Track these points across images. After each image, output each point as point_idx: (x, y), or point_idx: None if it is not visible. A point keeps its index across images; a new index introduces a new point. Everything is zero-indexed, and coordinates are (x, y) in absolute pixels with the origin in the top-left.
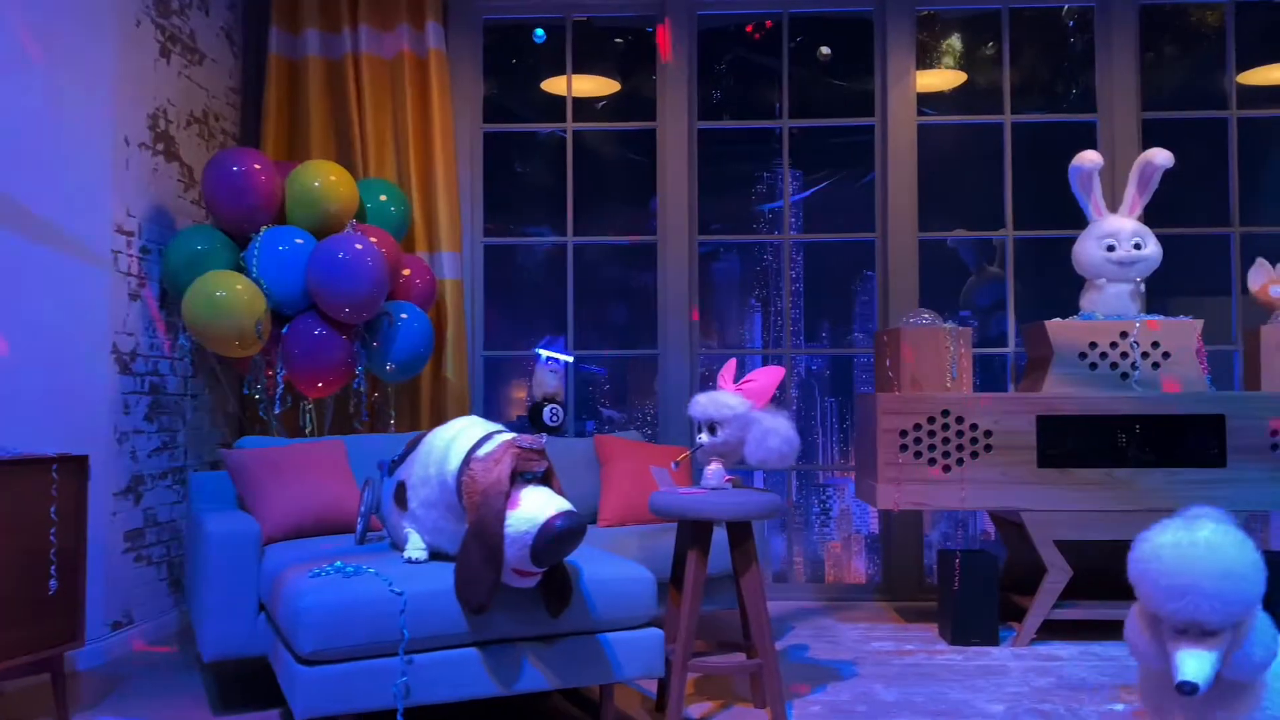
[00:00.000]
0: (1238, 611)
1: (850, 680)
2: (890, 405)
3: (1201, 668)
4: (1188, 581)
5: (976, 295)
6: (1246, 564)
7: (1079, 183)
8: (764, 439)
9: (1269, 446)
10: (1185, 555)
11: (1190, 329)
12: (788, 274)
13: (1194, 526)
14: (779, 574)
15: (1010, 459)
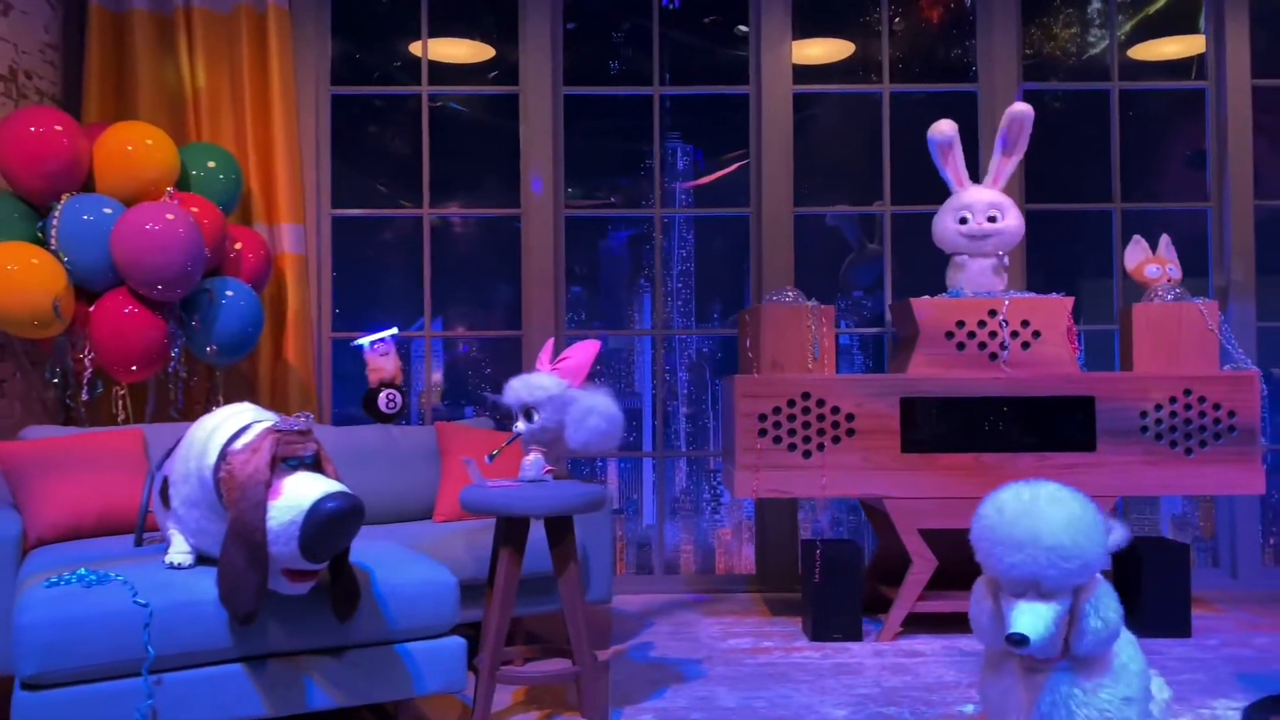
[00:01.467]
0: (1075, 570)
1: (693, 683)
2: (748, 388)
3: (1035, 623)
4: (1026, 533)
5: (856, 274)
6: (1089, 523)
7: (937, 153)
8: (583, 419)
9: (1138, 430)
10: (1026, 508)
11: (1060, 307)
12: (658, 251)
13: (1038, 485)
14: (669, 563)
15: (873, 444)
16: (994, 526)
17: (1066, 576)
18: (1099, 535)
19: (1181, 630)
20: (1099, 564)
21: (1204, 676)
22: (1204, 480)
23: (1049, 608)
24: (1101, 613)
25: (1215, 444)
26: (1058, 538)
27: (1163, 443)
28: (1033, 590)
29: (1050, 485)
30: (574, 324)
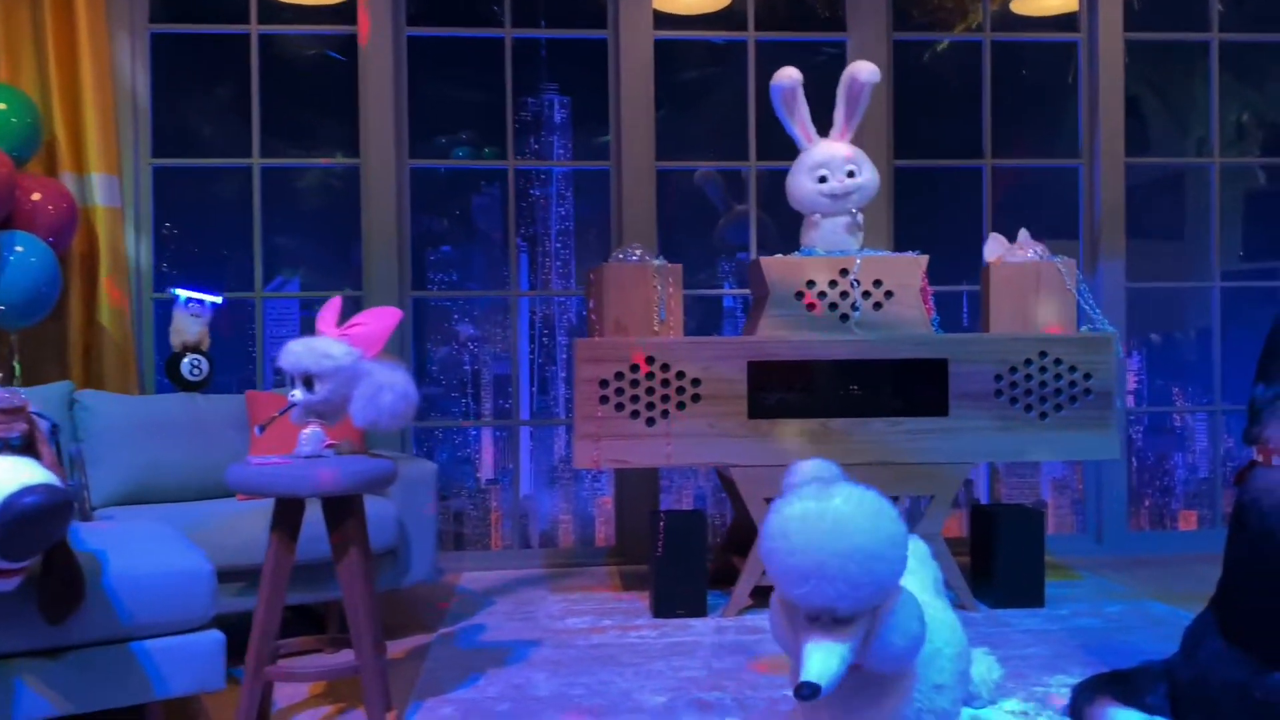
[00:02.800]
0: (870, 595)
1: (512, 668)
2: (588, 352)
3: (827, 664)
4: (813, 562)
5: (734, 234)
6: (881, 540)
7: (781, 104)
8: (375, 395)
9: (993, 393)
10: (811, 531)
11: (914, 266)
12: (512, 205)
13: (825, 496)
14: (545, 534)
15: (719, 410)
16: (778, 553)
17: (859, 604)
18: (896, 551)
19: (1034, 600)
20: (898, 579)
21: (1048, 650)
22: (1058, 445)
23: (843, 642)
24: (901, 630)
25: (1071, 407)
26: (846, 568)
27: (1017, 406)
28: (827, 614)
29: (840, 498)
30: (444, 284)
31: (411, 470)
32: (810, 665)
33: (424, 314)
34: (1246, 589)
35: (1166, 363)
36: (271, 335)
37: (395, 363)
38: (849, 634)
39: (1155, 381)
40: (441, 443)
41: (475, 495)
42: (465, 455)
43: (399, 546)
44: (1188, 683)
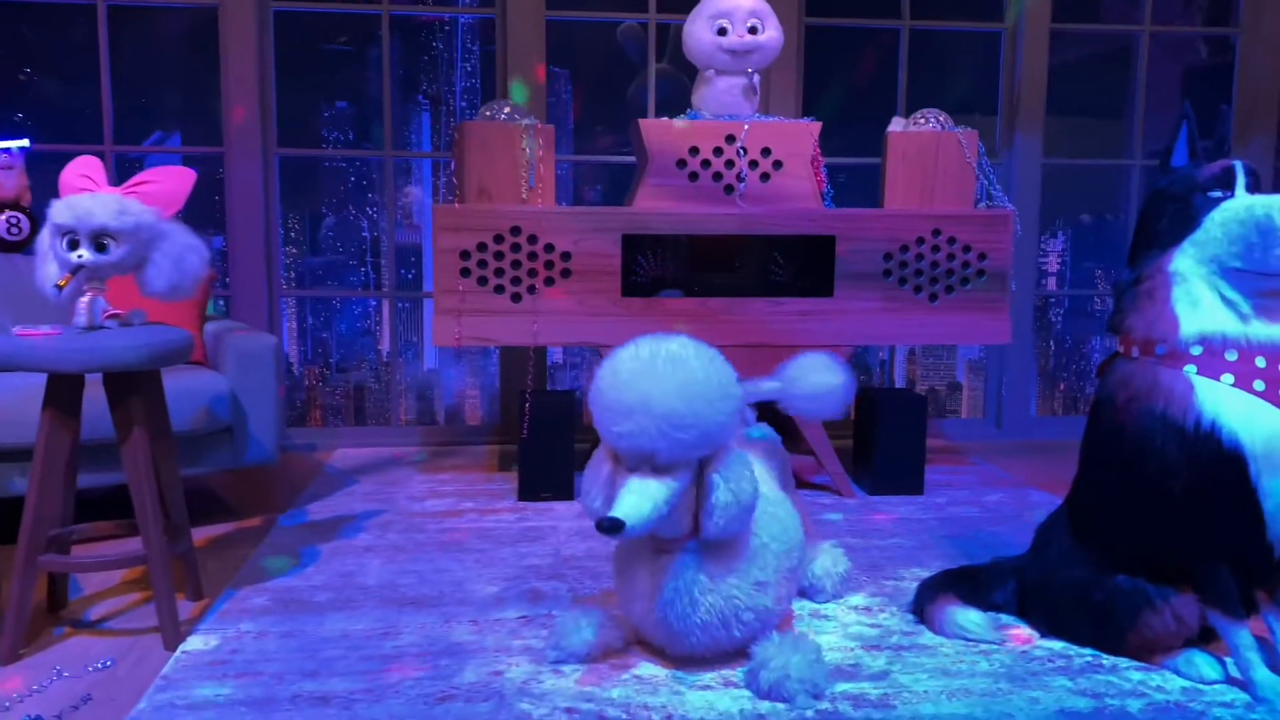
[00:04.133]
0: (693, 440)
1: (349, 554)
2: (448, 220)
3: (639, 505)
4: (638, 396)
5: (642, 96)
6: (711, 386)
7: None
8: (181, 258)
9: (881, 273)
10: (640, 369)
11: (805, 133)
12: (386, 53)
13: (662, 341)
14: (450, 409)
15: (590, 286)
16: (605, 389)
17: (682, 449)
18: (726, 402)
19: (914, 488)
20: (727, 432)
21: (913, 541)
22: (947, 329)
23: (662, 485)
24: (730, 487)
25: (963, 289)
26: (671, 404)
27: (906, 288)
28: (647, 464)
29: (676, 342)
30: (341, 142)
31: (249, 343)
32: (621, 502)
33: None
34: (1094, 487)
35: (1095, 244)
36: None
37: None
38: (667, 481)
39: (1082, 264)
40: (339, 313)
41: (377, 369)
42: (365, 327)
43: (234, 424)
44: (1033, 582)
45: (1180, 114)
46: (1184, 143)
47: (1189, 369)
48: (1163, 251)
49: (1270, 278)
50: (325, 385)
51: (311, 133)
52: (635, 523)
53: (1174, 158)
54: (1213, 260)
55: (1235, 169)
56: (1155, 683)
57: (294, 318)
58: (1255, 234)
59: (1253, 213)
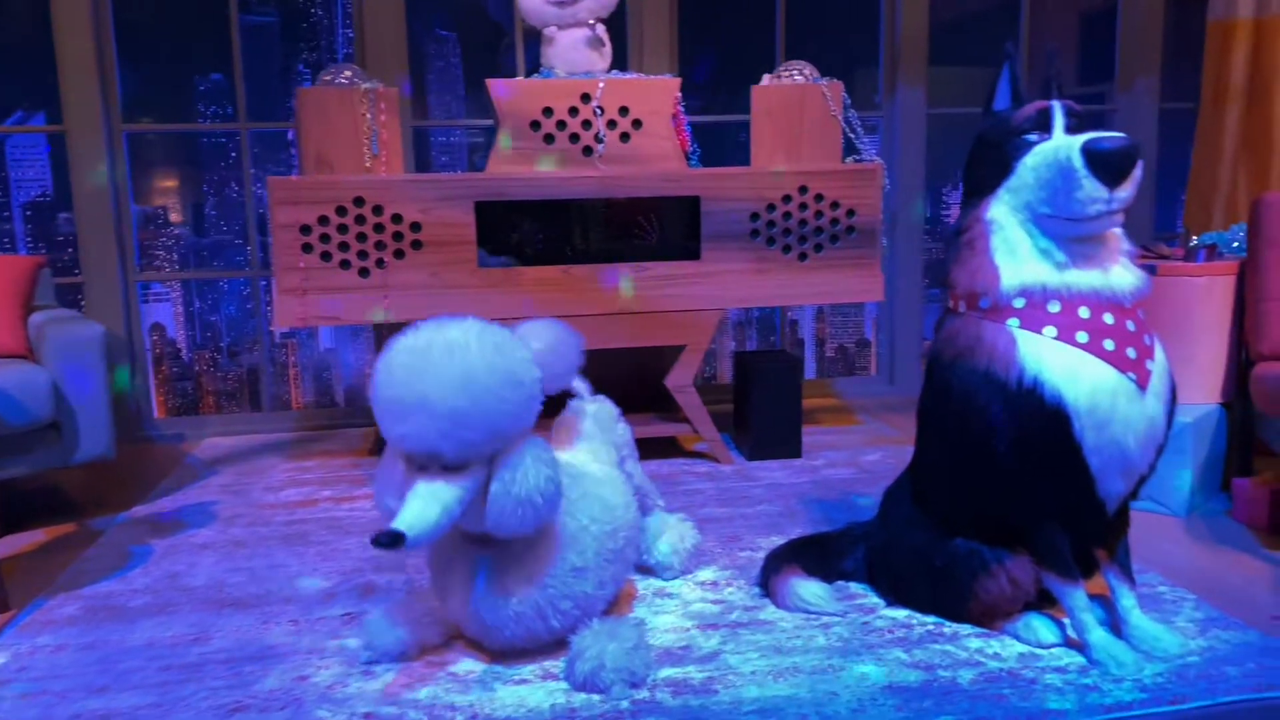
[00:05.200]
0: (481, 439)
1: (183, 552)
2: (285, 193)
3: (423, 513)
4: (416, 395)
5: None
6: (498, 377)
7: None
8: None
9: (748, 234)
10: (417, 365)
11: (665, 90)
12: (234, 24)
13: (441, 329)
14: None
15: (444, 258)
16: (382, 387)
17: (469, 447)
18: (516, 392)
19: (791, 450)
20: (519, 423)
21: (780, 508)
22: (818, 288)
23: (451, 488)
24: (519, 486)
25: (832, 247)
26: (452, 402)
27: (775, 247)
28: (435, 464)
29: (457, 328)
30: (218, 116)
31: (72, 333)
32: (404, 511)
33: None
34: (927, 448)
35: None
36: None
37: None
38: (458, 483)
39: None
40: (228, 295)
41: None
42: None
43: (61, 420)
44: (879, 547)
45: (1002, 54)
46: (1006, 85)
47: (1012, 322)
48: (981, 199)
49: (1077, 223)
50: (217, 370)
51: (187, 107)
52: (419, 533)
53: (995, 101)
54: (1026, 207)
55: (1051, 110)
56: (993, 650)
57: (179, 302)
58: (1059, 177)
59: (1056, 154)
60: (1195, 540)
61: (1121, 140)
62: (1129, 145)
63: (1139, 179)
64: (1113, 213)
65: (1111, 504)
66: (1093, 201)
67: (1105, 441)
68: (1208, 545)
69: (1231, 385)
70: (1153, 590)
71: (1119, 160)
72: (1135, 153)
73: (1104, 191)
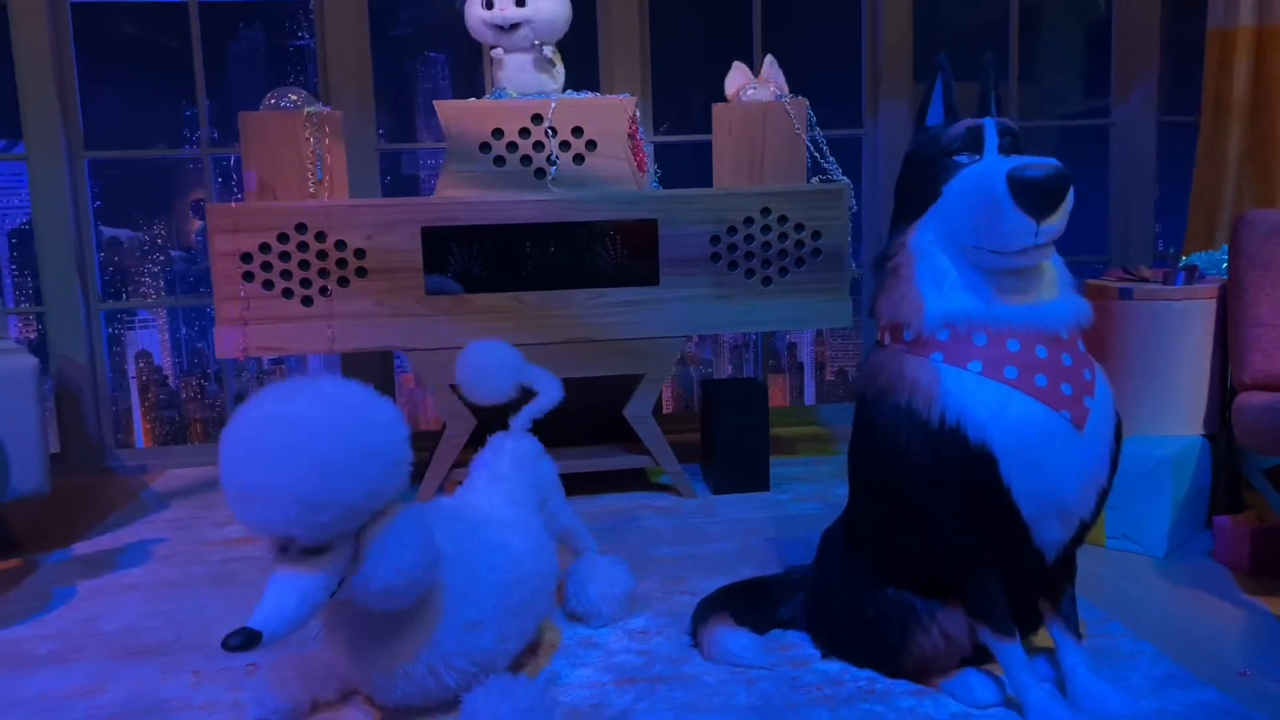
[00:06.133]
0: (336, 520)
1: (108, 594)
2: (224, 220)
3: (280, 605)
4: (260, 479)
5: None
6: (352, 450)
7: None
8: None
9: (709, 257)
10: (258, 444)
11: (619, 110)
12: (197, 46)
13: (289, 396)
14: None
15: (389, 285)
16: (223, 468)
17: (323, 530)
18: (373, 462)
19: (759, 483)
20: (380, 497)
21: (735, 546)
22: (784, 314)
23: (311, 575)
24: (390, 558)
25: (797, 271)
26: (301, 486)
27: (737, 272)
28: (292, 544)
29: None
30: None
31: (2, 365)
32: (261, 605)
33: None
34: (855, 489)
35: None
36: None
37: None
38: (320, 566)
39: None
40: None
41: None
42: None
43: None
44: (815, 594)
45: (934, 65)
46: (939, 99)
47: (935, 356)
48: (908, 224)
49: (1003, 256)
50: (204, 398)
51: (173, 133)
52: (276, 629)
53: (928, 116)
54: (952, 235)
55: (983, 128)
56: (926, 710)
57: (165, 329)
58: (983, 207)
59: (981, 181)
60: (1168, 583)
61: (1049, 166)
62: (1057, 172)
63: (1069, 209)
64: (1040, 246)
65: (1050, 552)
66: (1018, 234)
67: (1037, 485)
68: (1180, 589)
69: (1215, 416)
70: (1111, 641)
71: (1047, 189)
72: (1065, 181)
73: (1030, 223)
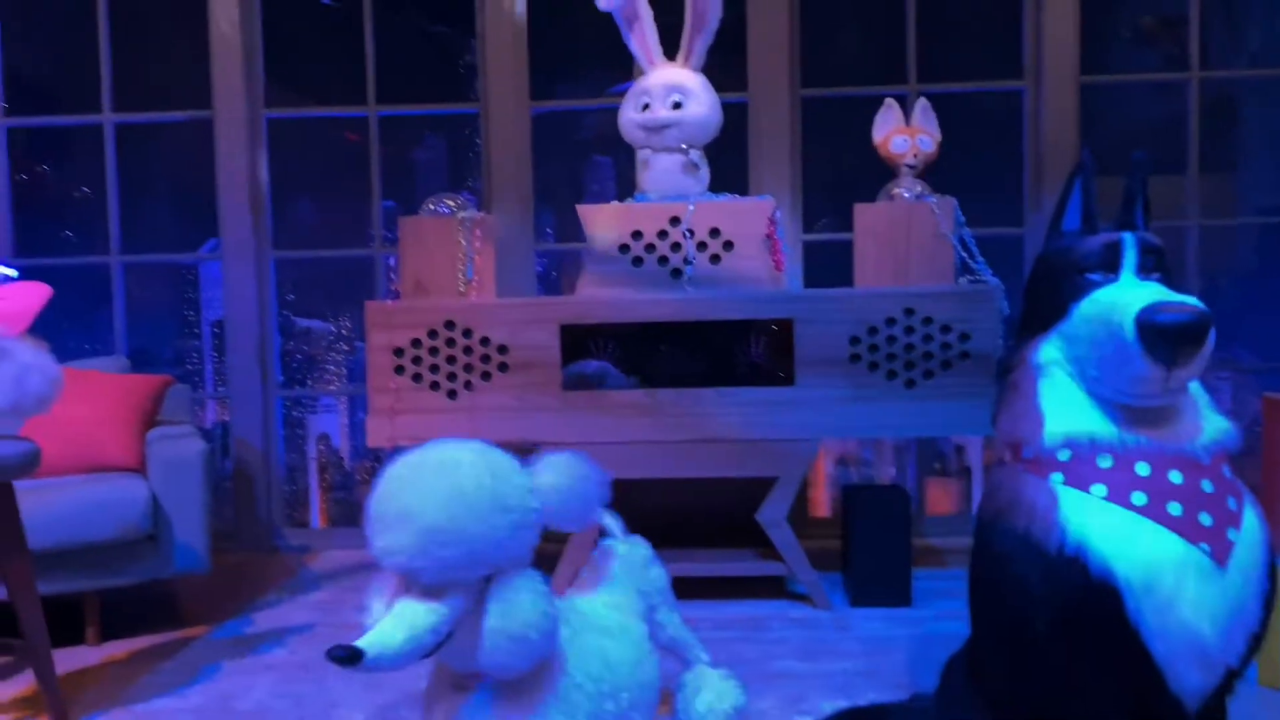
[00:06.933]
0: (458, 559)
1: (249, 672)
2: (380, 317)
3: (389, 634)
4: (398, 508)
5: None
6: (483, 499)
7: (620, 18)
8: (21, 377)
9: (847, 358)
10: (406, 480)
11: (758, 212)
12: (375, 157)
13: (444, 446)
14: None
15: (529, 380)
16: (373, 500)
17: (446, 568)
18: (501, 515)
19: (900, 597)
20: (504, 550)
21: (867, 664)
22: (928, 419)
23: (428, 612)
24: (506, 617)
25: (944, 374)
26: (433, 518)
27: (878, 374)
28: (416, 584)
29: (458, 448)
30: (388, 240)
31: (174, 449)
32: (372, 630)
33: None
34: (974, 620)
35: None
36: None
37: (36, 344)
38: (435, 606)
39: None
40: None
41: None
42: None
43: (159, 533)
44: None
45: (1076, 164)
46: (1077, 202)
47: (1055, 477)
48: (1034, 336)
49: (1131, 397)
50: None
51: (360, 233)
52: (379, 653)
53: (1065, 219)
54: (1076, 360)
55: (1121, 244)
56: None
57: (345, 413)
58: (1109, 344)
59: (1109, 315)
60: None
61: (1188, 310)
62: (1195, 318)
63: (1209, 353)
64: (1172, 392)
65: (1191, 701)
66: (1145, 381)
67: (1171, 625)
68: None
69: None
70: None
71: (1180, 336)
72: (1204, 327)
73: (1160, 371)
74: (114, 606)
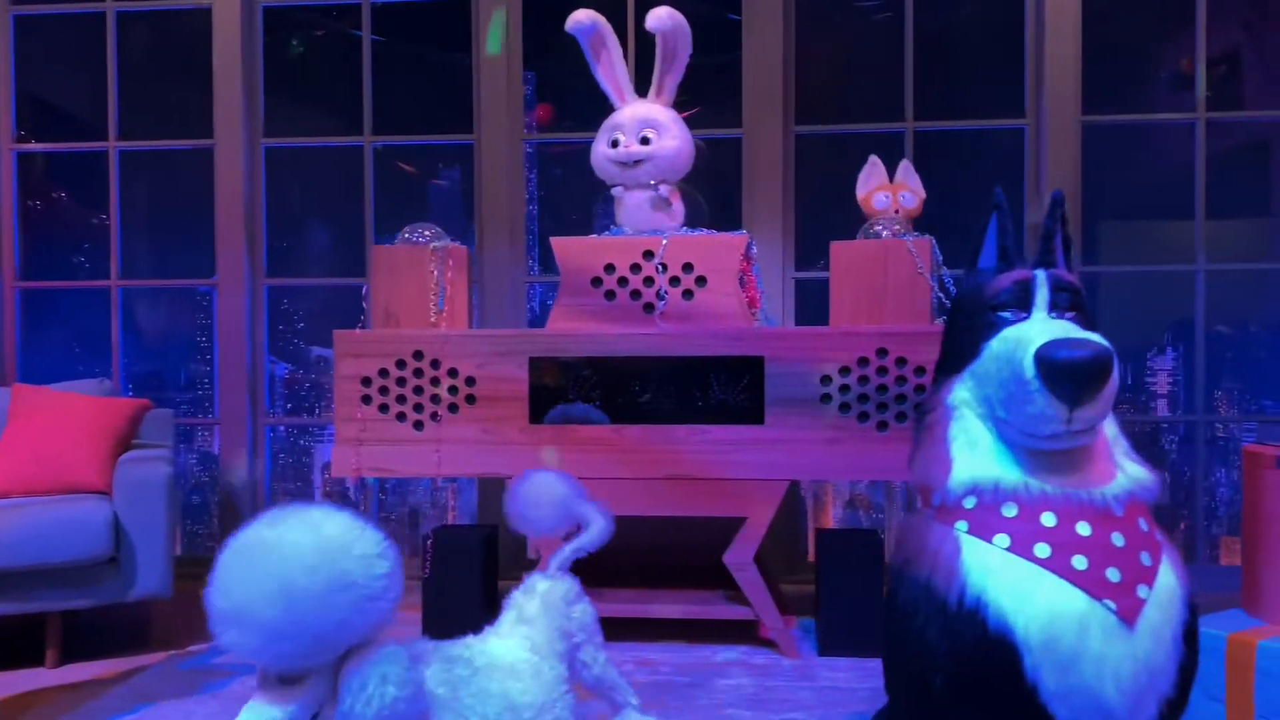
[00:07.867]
0: (305, 650)
1: (206, 696)
2: (348, 346)
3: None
4: (234, 605)
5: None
6: (319, 583)
7: (589, 50)
8: None
9: (818, 398)
10: (236, 570)
11: (730, 247)
12: (368, 187)
13: (277, 523)
14: None
15: (496, 413)
16: (211, 593)
17: (290, 660)
18: (343, 594)
19: (871, 647)
20: (353, 630)
21: (810, 717)
22: (900, 463)
23: (282, 708)
24: (365, 695)
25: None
26: (267, 615)
27: (850, 414)
28: (269, 672)
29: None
30: None
31: (138, 472)
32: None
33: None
34: (885, 670)
35: (1225, 361)
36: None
37: None
38: (292, 697)
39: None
40: None
41: (432, 493)
42: None
43: (120, 555)
44: None
45: (992, 203)
46: (992, 239)
47: (960, 525)
48: (948, 378)
49: (1034, 439)
50: (382, 510)
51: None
52: None
53: (981, 258)
54: (985, 401)
55: (1033, 281)
56: None
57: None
58: (1013, 382)
59: (1012, 353)
60: None
61: (1089, 346)
62: (1094, 355)
63: (1113, 395)
64: (1074, 433)
65: None
66: (1046, 420)
67: (1073, 686)
68: None
69: None
70: None
71: (1082, 374)
72: (1105, 366)
73: (1062, 411)
74: (77, 630)
